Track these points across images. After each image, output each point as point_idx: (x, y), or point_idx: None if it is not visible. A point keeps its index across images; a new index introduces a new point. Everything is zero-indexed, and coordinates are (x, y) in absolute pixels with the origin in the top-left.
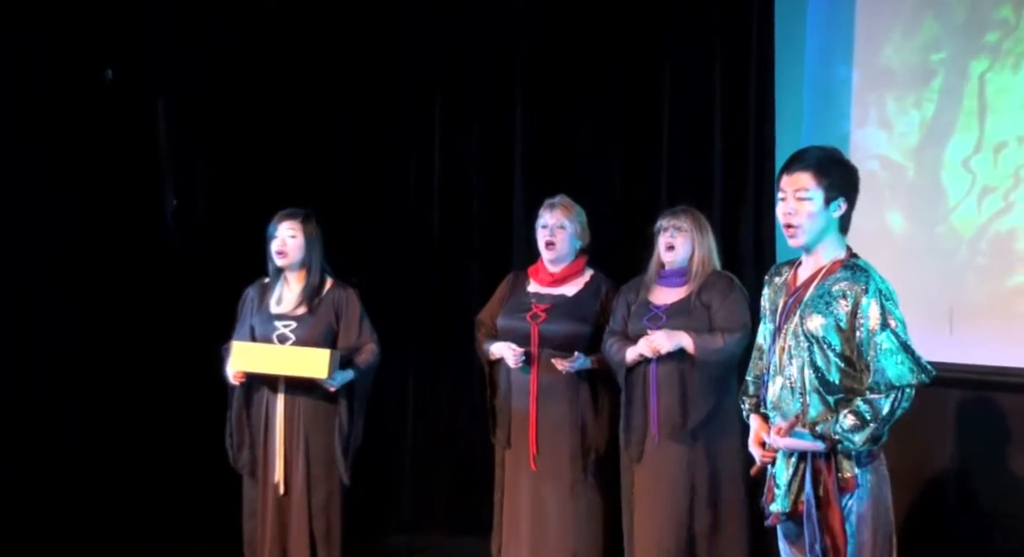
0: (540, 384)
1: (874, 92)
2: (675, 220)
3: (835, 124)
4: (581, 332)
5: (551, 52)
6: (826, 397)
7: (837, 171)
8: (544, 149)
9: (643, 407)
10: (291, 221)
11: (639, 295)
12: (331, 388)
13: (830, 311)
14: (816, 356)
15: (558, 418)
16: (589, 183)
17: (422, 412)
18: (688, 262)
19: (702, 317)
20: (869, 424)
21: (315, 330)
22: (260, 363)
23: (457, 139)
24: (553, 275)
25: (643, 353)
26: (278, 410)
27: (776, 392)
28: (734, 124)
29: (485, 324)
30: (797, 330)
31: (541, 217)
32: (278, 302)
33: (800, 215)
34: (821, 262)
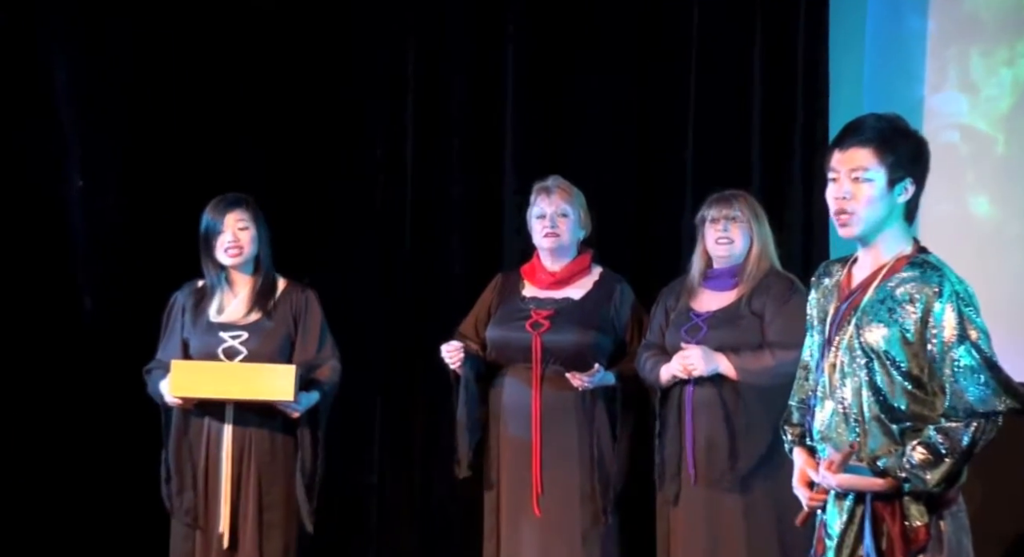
0: (544, 406)
1: (955, 46)
2: (728, 208)
3: (904, 87)
4: (593, 342)
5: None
6: (889, 426)
7: (903, 145)
8: (541, 118)
9: (677, 439)
10: (239, 210)
11: (680, 301)
12: (295, 414)
13: (894, 319)
14: (877, 375)
15: (567, 448)
16: (596, 162)
17: (392, 444)
18: (743, 259)
19: (751, 328)
20: (944, 459)
21: (271, 342)
22: (207, 386)
23: (435, 101)
24: (554, 275)
25: (675, 373)
26: (225, 444)
27: (825, 420)
28: (777, 89)
29: (467, 337)
30: (852, 343)
31: (536, 204)
32: (220, 310)
33: (857, 200)
34: (882, 258)
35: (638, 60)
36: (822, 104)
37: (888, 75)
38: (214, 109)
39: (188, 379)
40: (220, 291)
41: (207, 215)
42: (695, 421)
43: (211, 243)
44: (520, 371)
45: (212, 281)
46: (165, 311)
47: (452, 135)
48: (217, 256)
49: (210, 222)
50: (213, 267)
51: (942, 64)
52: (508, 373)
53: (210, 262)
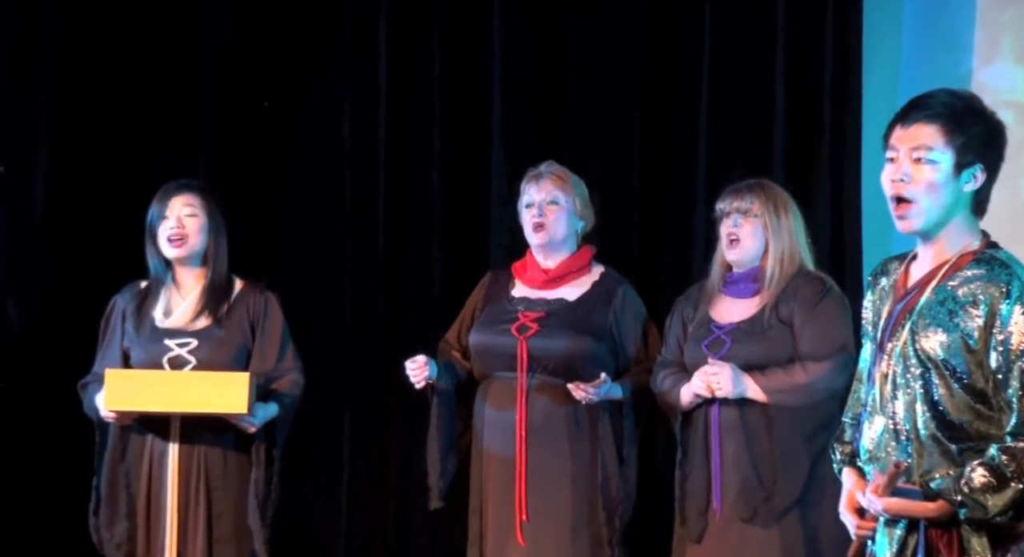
0: (531, 421)
1: (1009, 11)
2: (739, 201)
3: (950, 59)
4: (587, 350)
5: None
6: (948, 446)
7: (976, 127)
8: (534, 98)
9: (704, 468)
10: (188, 194)
11: (698, 310)
12: (250, 429)
13: (955, 324)
14: (934, 387)
15: (558, 469)
16: (596, 148)
17: (363, 467)
18: (761, 261)
19: (780, 339)
20: (1010, 483)
21: (224, 351)
22: (147, 398)
23: (411, 74)
24: (547, 272)
25: (698, 392)
26: (169, 464)
27: (875, 437)
28: (803, 61)
29: (451, 345)
30: (907, 350)
31: (525, 193)
32: (166, 313)
33: (917, 183)
34: (945, 254)
35: (644, 30)
36: (854, 79)
37: (930, 45)
38: (162, 88)
39: (125, 390)
40: (166, 291)
41: (154, 201)
42: (723, 446)
43: (155, 233)
44: (504, 382)
45: (157, 278)
46: (103, 317)
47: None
48: (160, 246)
49: (155, 207)
50: (157, 261)
51: (993, 32)
52: (491, 384)
53: (155, 256)
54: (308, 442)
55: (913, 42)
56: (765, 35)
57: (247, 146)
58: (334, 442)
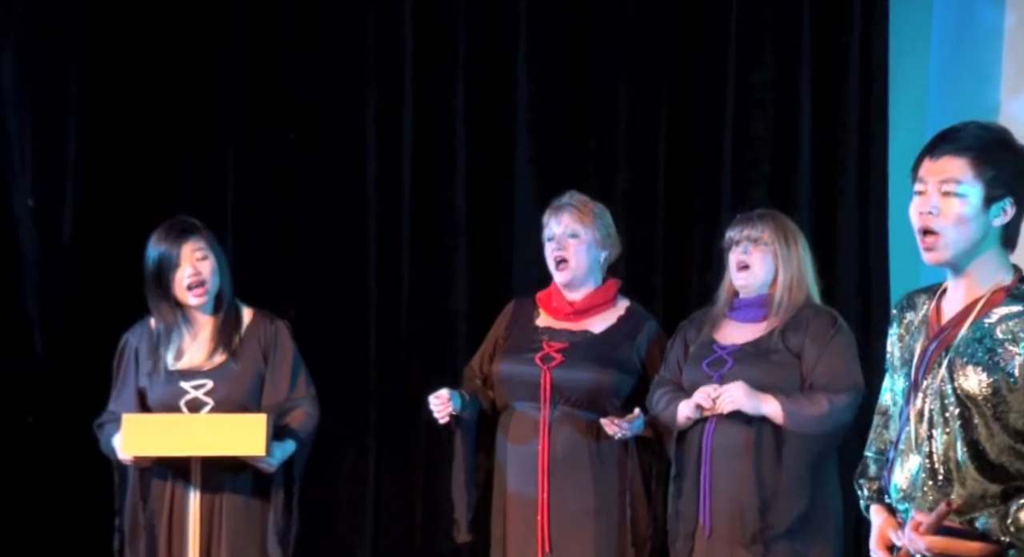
0: (553, 453)
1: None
2: (749, 229)
3: (977, 91)
4: (611, 382)
5: None
6: (989, 486)
7: (1006, 160)
8: (559, 121)
9: (695, 488)
10: (195, 239)
11: (702, 332)
12: (269, 469)
13: (994, 362)
14: (974, 426)
15: (582, 503)
16: (620, 178)
17: (388, 501)
18: (769, 289)
19: (785, 364)
20: None
21: (240, 387)
22: (165, 443)
23: (435, 101)
24: (573, 305)
25: (700, 403)
26: (191, 512)
27: (909, 477)
28: (829, 93)
29: (475, 374)
30: (944, 389)
31: (546, 226)
32: (178, 355)
33: (946, 217)
34: (976, 290)
35: (669, 56)
36: (880, 109)
37: (958, 77)
38: (189, 122)
39: (143, 435)
40: (177, 333)
41: (157, 247)
42: (714, 466)
43: (166, 279)
44: (526, 413)
45: (167, 323)
46: (116, 356)
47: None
48: (176, 294)
49: (164, 255)
50: (168, 307)
51: (1022, 63)
52: (513, 414)
53: (163, 302)
54: (333, 473)
55: (940, 73)
56: (790, 67)
57: (273, 178)
58: (360, 472)
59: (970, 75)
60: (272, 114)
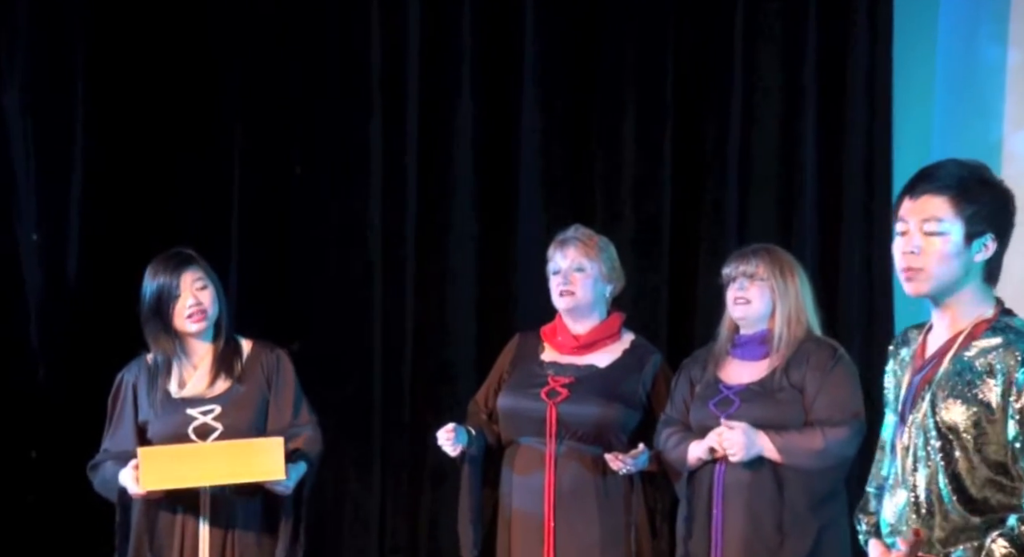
0: (559, 488)
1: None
2: (744, 265)
3: (980, 126)
4: (617, 417)
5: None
6: (970, 519)
7: (985, 196)
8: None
9: (706, 528)
10: (194, 270)
11: (706, 371)
12: (287, 492)
13: (974, 395)
14: (955, 461)
15: (588, 540)
16: (626, 213)
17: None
18: (768, 323)
19: (791, 402)
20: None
21: (247, 412)
22: (184, 474)
23: (440, 127)
24: (578, 339)
25: (712, 447)
26: (203, 546)
27: (895, 510)
28: (834, 127)
29: (480, 409)
30: (926, 422)
31: (551, 260)
32: (181, 384)
33: (928, 256)
34: (959, 323)
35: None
36: (884, 146)
37: (962, 112)
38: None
39: (161, 468)
40: (177, 363)
41: (157, 279)
42: (726, 507)
43: (166, 310)
44: (532, 447)
45: (166, 354)
46: (111, 395)
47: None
48: (176, 324)
49: (163, 285)
50: (166, 338)
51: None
52: (518, 449)
53: (162, 333)
54: (338, 506)
55: (944, 110)
56: (795, 104)
57: (279, 211)
58: (364, 506)
59: (974, 112)
60: (276, 140)
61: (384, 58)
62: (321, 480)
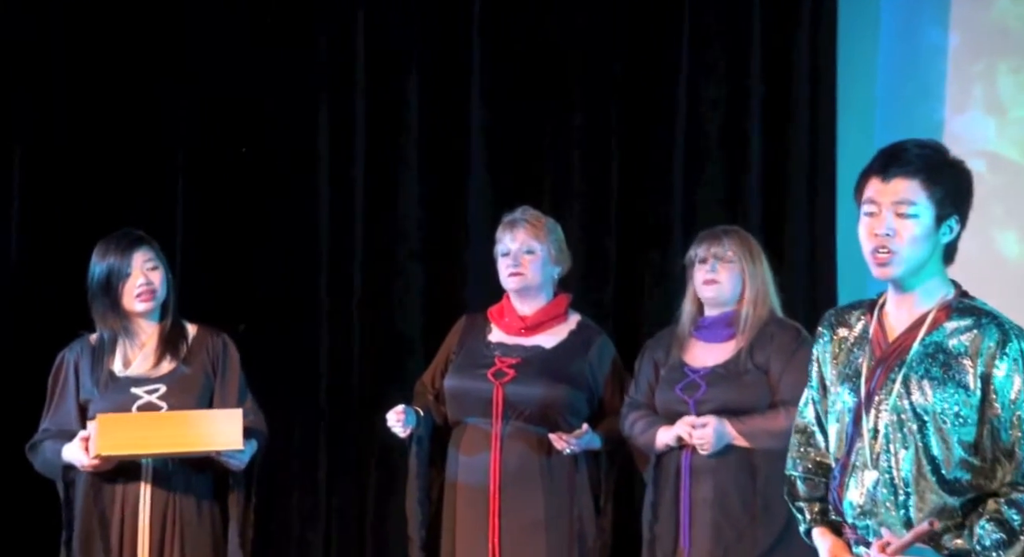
0: (505, 468)
1: (981, 62)
2: (716, 247)
3: (923, 109)
4: (563, 398)
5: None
6: (947, 499)
7: (952, 178)
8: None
9: (673, 512)
10: (146, 248)
11: (671, 354)
12: (241, 466)
13: (950, 376)
14: (931, 441)
15: (532, 518)
16: (572, 195)
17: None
18: (736, 305)
19: (756, 384)
20: (1019, 536)
21: (192, 393)
22: (143, 440)
23: (388, 117)
24: (524, 320)
25: (681, 436)
26: (143, 513)
27: (866, 493)
28: (778, 112)
29: (427, 389)
30: (901, 404)
31: (500, 241)
32: (126, 363)
33: (901, 238)
34: (921, 305)
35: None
36: (829, 129)
37: (904, 95)
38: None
39: (118, 434)
40: (121, 343)
41: (107, 257)
42: (694, 491)
43: (115, 288)
44: (478, 428)
45: (112, 333)
46: (51, 374)
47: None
48: (124, 302)
49: (115, 264)
50: (114, 316)
51: (965, 82)
52: (465, 429)
53: (110, 311)
54: (285, 488)
55: (887, 93)
56: (739, 87)
57: (224, 194)
58: (311, 490)
59: (916, 95)
60: (222, 127)
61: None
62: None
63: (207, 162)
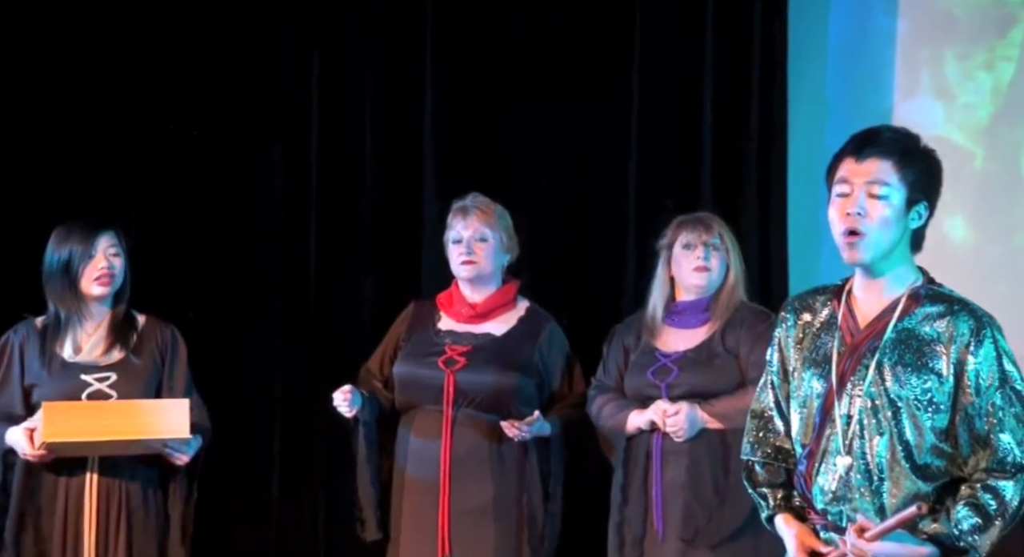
0: (455, 455)
1: (928, 48)
2: (707, 234)
3: (872, 94)
4: (514, 385)
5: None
6: (921, 485)
7: (923, 164)
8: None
9: (643, 495)
10: (111, 235)
11: (641, 339)
12: (183, 459)
13: (923, 363)
14: (905, 427)
15: (482, 504)
16: (526, 179)
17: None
18: (717, 292)
19: (727, 367)
20: (995, 521)
21: (141, 382)
22: (89, 428)
23: (342, 105)
24: (474, 307)
25: (654, 421)
26: (88, 502)
27: (838, 478)
28: (730, 98)
29: (374, 375)
30: (874, 391)
31: (451, 228)
32: (76, 349)
33: (872, 219)
34: (890, 291)
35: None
36: (780, 113)
37: (854, 80)
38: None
39: (65, 422)
40: (75, 326)
41: (71, 238)
42: (665, 473)
43: (76, 269)
44: (429, 414)
45: (67, 314)
46: None
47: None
48: (82, 285)
49: (76, 247)
50: (71, 297)
51: (913, 68)
52: (415, 417)
53: (68, 293)
54: (236, 476)
55: (837, 80)
56: (692, 74)
57: (176, 180)
58: (264, 474)
59: (865, 80)
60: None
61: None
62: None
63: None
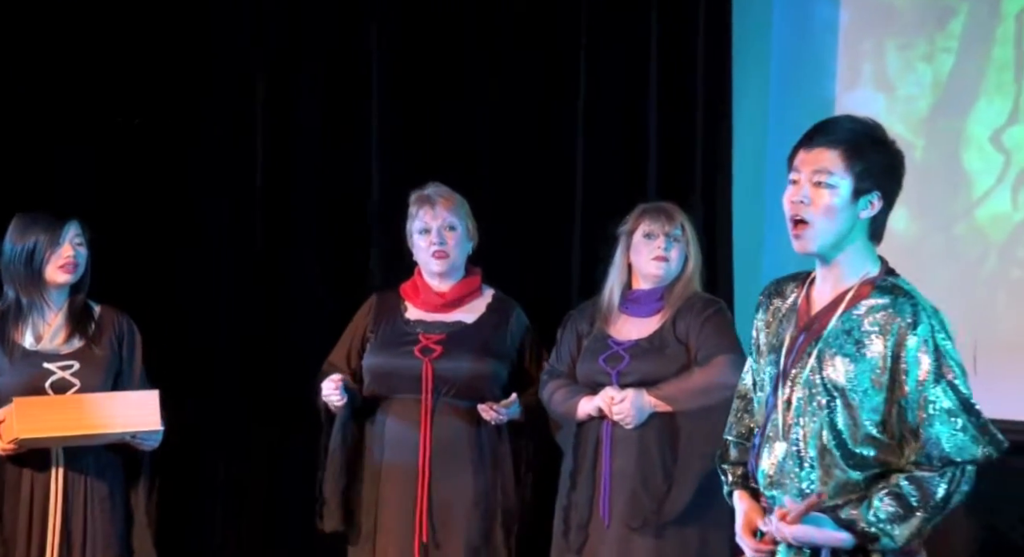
0: (435, 443)
1: (869, 39)
2: (670, 224)
3: (815, 84)
4: (490, 371)
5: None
6: (851, 474)
7: (876, 155)
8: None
9: (590, 480)
10: (76, 227)
11: (594, 326)
12: (153, 446)
13: (861, 353)
14: (838, 416)
15: (461, 490)
16: (474, 170)
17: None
18: (673, 281)
19: (679, 356)
20: (916, 513)
21: (104, 370)
22: (61, 422)
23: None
24: (443, 296)
25: (601, 408)
26: (53, 492)
27: (776, 463)
28: (675, 90)
29: (338, 369)
30: (814, 378)
31: (416, 218)
32: (37, 338)
33: (816, 206)
34: (843, 281)
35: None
36: (724, 104)
37: (797, 72)
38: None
39: (37, 417)
40: (35, 315)
41: (37, 225)
42: (614, 459)
43: (41, 257)
44: (407, 403)
45: (29, 301)
46: None
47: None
48: (47, 272)
49: (42, 235)
50: (33, 285)
51: (855, 59)
52: (392, 406)
53: (30, 282)
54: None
55: (781, 70)
56: (638, 69)
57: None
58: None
59: (809, 72)
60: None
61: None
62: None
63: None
